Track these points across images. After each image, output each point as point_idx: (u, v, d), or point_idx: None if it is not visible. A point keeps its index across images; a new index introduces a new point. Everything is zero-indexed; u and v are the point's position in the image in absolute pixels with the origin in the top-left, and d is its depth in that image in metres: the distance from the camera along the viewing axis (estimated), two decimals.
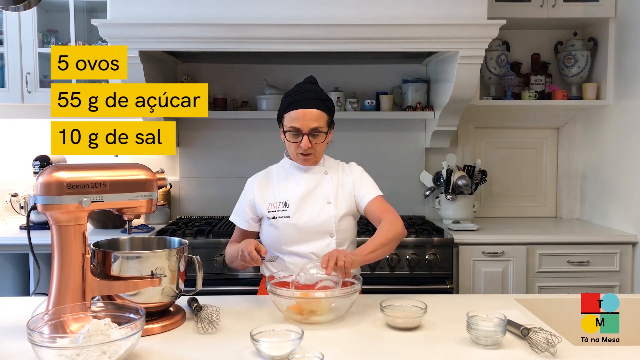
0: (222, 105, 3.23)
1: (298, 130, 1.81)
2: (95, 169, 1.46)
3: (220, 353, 1.33)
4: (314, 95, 1.83)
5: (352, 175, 1.95)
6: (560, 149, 3.45)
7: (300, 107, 1.81)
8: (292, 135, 1.83)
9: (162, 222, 3.15)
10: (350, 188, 1.92)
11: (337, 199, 1.89)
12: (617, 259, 2.82)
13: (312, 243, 1.85)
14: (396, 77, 3.36)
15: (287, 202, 1.87)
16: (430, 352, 1.35)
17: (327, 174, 1.93)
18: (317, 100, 1.83)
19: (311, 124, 1.80)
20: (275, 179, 1.95)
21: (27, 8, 1.84)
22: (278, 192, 1.90)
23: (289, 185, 1.91)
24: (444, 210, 3.15)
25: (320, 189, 1.90)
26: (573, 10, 3.05)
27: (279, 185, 1.92)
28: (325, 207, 1.87)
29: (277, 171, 1.97)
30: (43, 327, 1.27)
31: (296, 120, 1.81)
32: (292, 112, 1.82)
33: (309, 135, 1.81)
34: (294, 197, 1.88)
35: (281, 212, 1.86)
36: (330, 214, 1.86)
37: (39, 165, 2.93)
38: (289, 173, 1.93)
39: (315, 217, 1.86)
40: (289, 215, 1.85)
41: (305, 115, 1.80)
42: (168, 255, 1.49)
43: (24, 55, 2.93)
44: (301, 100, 1.82)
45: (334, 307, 1.52)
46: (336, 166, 1.98)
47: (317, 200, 1.88)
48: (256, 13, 2.61)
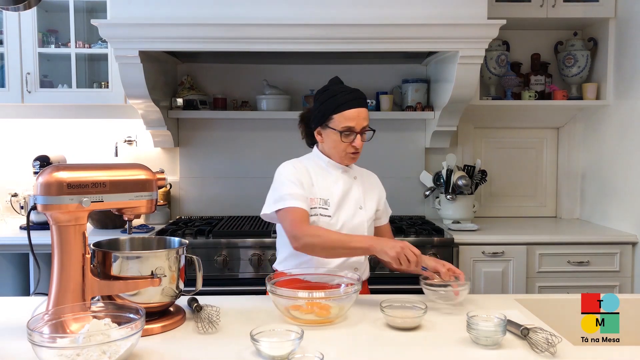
0: (222, 105, 3.23)
1: (351, 130, 1.83)
2: (95, 169, 1.46)
3: (220, 353, 1.33)
4: (360, 94, 1.87)
5: (380, 189, 2.02)
6: (560, 149, 3.45)
7: (354, 107, 1.83)
8: (346, 136, 1.84)
9: (162, 222, 3.15)
10: (378, 199, 1.97)
11: (366, 204, 1.92)
12: (617, 259, 2.82)
13: None
14: (396, 77, 3.36)
15: (327, 201, 1.86)
16: (430, 352, 1.35)
17: (356, 178, 1.95)
18: (364, 99, 1.88)
19: (363, 122, 1.84)
20: (312, 173, 1.91)
21: (27, 8, 1.84)
22: (318, 189, 1.88)
23: (328, 184, 1.90)
24: (444, 210, 3.15)
25: (353, 193, 1.92)
26: (573, 10, 3.05)
27: (318, 181, 1.89)
28: (358, 211, 1.90)
29: (312, 166, 1.93)
30: (43, 327, 1.27)
31: (351, 120, 1.82)
32: (345, 112, 1.82)
33: (361, 134, 1.84)
34: (334, 196, 1.87)
35: (322, 210, 1.85)
36: (363, 219, 1.89)
37: (39, 165, 2.93)
38: (326, 171, 1.92)
39: (349, 220, 1.87)
40: (329, 215, 1.85)
41: (360, 114, 1.83)
42: (168, 255, 1.49)
43: (24, 55, 2.93)
44: (353, 99, 1.84)
45: (335, 307, 1.52)
46: (361, 172, 2.01)
47: (351, 204, 1.90)
48: (256, 13, 2.61)
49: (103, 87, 3.04)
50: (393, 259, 1.64)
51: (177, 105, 3.16)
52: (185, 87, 3.23)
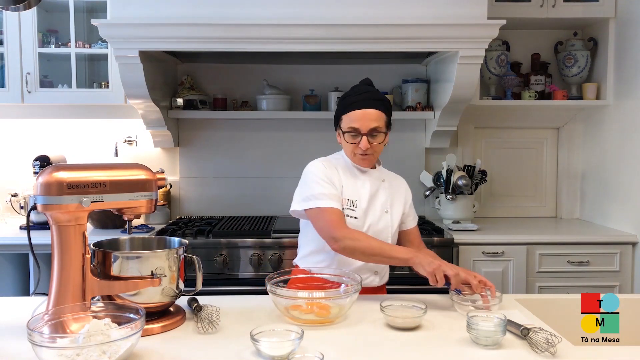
0: (222, 105, 3.23)
1: (357, 131, 1.81)
2: (95, 169, 1.46)
3: (220, 353, 1.33)
4: (371, 95, 1.84)
5: (407, 193, 1.99)
6: (560, 149, 3.45)
7: (359, 108, 1.81)
8: (351, 136, 1.83)
9: (162, 222, 3.15)
10: (404, 204, 1.96)
11: (393, 208, 1.91)
12: (617, 259, 2.82)
13: None
14: (396, 77, 3.36)
15: (355, 202, 1.85)
16: (430, 352, 1.35)
17: (384, 181, 1.93)
18: (375, 100, 1.83)
19: (370, 124, 1.81)
20: (342, 173, 1.90)
21: (27, 8, 1.84)
22: (346, 189, 1.87)
23: (356, 185, 1.89)
24: (444, 210, 3.15)
25: (379, 196, 1.90)
26: (573, 10, 3.05)
27: (347, 181, 1.89)
28: (384, 215, 1.88)
29: (341, 166, 1.92)
30: (43, 327, 1.27)
31: (355, 121, 1.81)
32: (351, 113, 1.82)
33: (367, 135, 1.81)
34: (362, 198, 1.87)
35: (350, 211, 1.84)
36: (388, 224, 1.88)
37: (39, 165, 2.93)
38: (353, 172, 1.91)
39: (376, 223, 1.86)
40: (356, 217, 1.84)
41: (365, 115, 1.81)
42: (168, 255, 1.49)
43: (24, 55, 2.93)
44: (360, 101, 1.82)
45: (335, 307, 1.52)
46: (388, 175, 1.99)
47: (377, 207, 1.88)
48: (256, 13, 2.61)
49: (103, 87, 3.04)
50: (429, 275, 1.66)
51: (177, 105, 3.16)
52: (185, 87, 3.23)
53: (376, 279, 1.90)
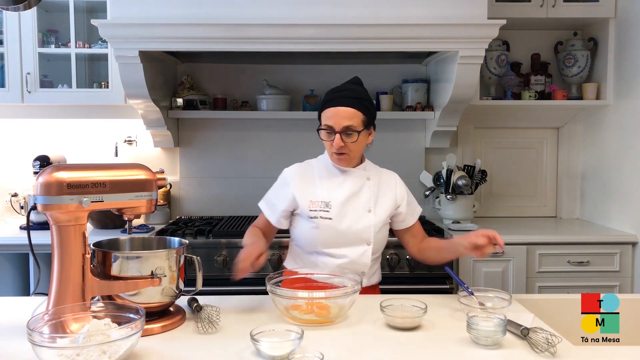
0: (222, 105, 3.23)
1: (331, 129, 1.80)
2: (95, 169, 1.46)
3: (220, 353, 1.33)
4: (349, 93, 1.82)
5: (398, 190, 1.94)
6: (560, 149, 3.45)
7: (333, 105, 1.80)
8: (326, 134, 1.82)
9: (162, 222, 3.15)
10: (394, 202, 1.91)
11: (377, 207, 1.88)
12: (617, 259, 2.82)
13: (349, 248, 1.84)
14: (396, 77, 3.36)
15: (329, 203, 1.84)
16: (430, 352, 1.35)
17: (369, 179, 1.91)
18: (352, 98, 1.80)
19: (343, 122, 1.78)
20: (316, 175, 1.90)
21: (27, 8, 1.84)
22: (320, 190, 1.87)
23: (332, 185, 1.88)
24: (444, 210, 3.15)
25: (362, 195, 1.88)
26: (573, 10, 3.05)
27: (321, 182, 1.88)
28: (365, 215, 1.86)
29: (319, 167, 1.93)
30: (43, 327, 1.27)
31: (329, 118, 1.80)
32: (326, 110, 1.81)
33: (341, 133, 1.79)
34: (337, 198, 1.85)
35: (323, 213, 1.83)
36: (370, 223, 1.86)
37: (39, 165, 2.93)
38: (332, 172, 1.90)
39: (354, 223, 1.85)
40: (331, 217, 1.83)
41: (338, 113, 1.79)
42: (168, 255, 1.49)
43: (24, 55, 2.93)
44: (336, 98, 1.81)
45: (335, 307, 1.52)
46: (377, 172, 1.96)
47: (358, 206, 1.86)
48: (256, 13, 2.61)
49: (103, 87, 3.04)
50: None
51: (177, 105, 3.16)
52: (185, 87, 3.23)
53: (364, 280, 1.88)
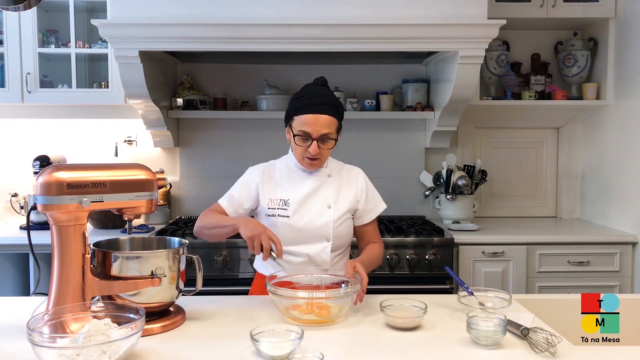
0: (222, 105, 3.23)
1: (308, 135, 1.78)
2: (95, 169, 1.46)
3: (220, 353, 1.33)
4: (326, 100, 1.80)
5: (359, 184, 1.92)
6: (560, 149, 3.45)
7: (312, 112, 1.77)
8: (301, 140, 1.79)
9: (162, 222, 3.15)
10: (355, 196, 1.90)
11: (337, 203, 1.88)
12: (617, 259, 2.82)
13: (308, 245, 1.84)
14: (396, 77, 3.36)
15: (287, 201, 1.86)
16: (430, 352, 1.35)
17: (330, 176, 1.91)
18: (330, 105, 1.79)
19: (322, 129, 1.77)
20: (278, 174, 1.92)
21: (27, 8, 1.84)
22: (280, 189, 1.88)
23: (292, 184, 1.89)
24: (444, 210, 3.15)
25: (322, 192, 1.88)
26: (573, 10, 3.05)
27: (282, 182, 1.90)
28: (325, 211, 1.86)
29: (281, 167, 1.94)
30: (43, 327, 1.27)
31: (307, 125, 1.77)
32: (303, 116, 1.78)
33: (318, 140, 1.78)
34: (296, 197, 1.86)
35: (281, 211, 1.85)
36: (329, 219, 1.85)
37: (39, 165, 2.94)
38: (294, 172, 1.91)
39: (314, 220, 1.84)
40: (288, 215, 1.84)
41: (318, 120, 1.77)
42: (168, 255, 1.49)
43: (24, 55, 2.93)
44: (313, 104, 1.78)
45: (335, 307, 1.52)
46: (339, 169, 1.95)
47: (317, 203, 1.86)
48: (256, 13, 2.61)
49: (103, 87, 3.04)
50: (248, 239, 1.65)
51: (177, 105, 3.16)
52: (185, 87, 3.23)
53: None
